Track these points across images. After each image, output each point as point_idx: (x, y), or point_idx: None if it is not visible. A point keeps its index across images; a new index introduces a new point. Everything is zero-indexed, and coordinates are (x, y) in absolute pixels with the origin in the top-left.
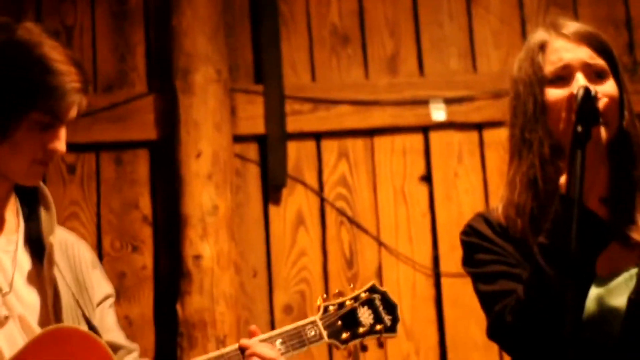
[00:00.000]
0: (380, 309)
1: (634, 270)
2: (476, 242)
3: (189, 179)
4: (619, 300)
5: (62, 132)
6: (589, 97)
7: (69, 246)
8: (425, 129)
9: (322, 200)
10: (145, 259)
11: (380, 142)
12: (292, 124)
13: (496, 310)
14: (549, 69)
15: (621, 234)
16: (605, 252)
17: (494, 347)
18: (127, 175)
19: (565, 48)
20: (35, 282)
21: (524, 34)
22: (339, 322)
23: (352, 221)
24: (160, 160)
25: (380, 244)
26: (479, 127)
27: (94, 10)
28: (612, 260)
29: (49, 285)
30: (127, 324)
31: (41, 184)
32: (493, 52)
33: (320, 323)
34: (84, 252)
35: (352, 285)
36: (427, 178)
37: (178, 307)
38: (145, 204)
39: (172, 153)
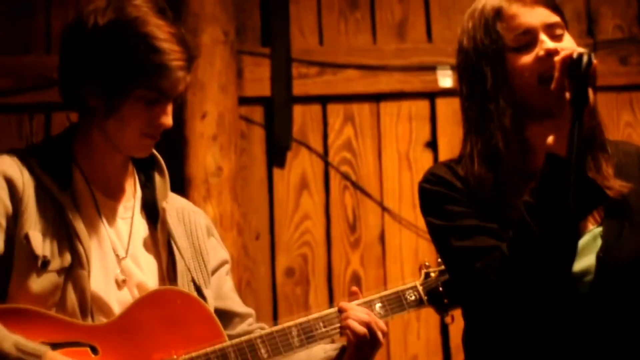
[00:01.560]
0: None
1: (597, 230)
2: (444, 191)
3: (193, 140)
4: (588, 259)
5: (169, 107)
6: (590, 63)
7: (186, 214)
8: (432, 95)
9: (327, 164)
10: None
11: (387, 107)
12: (299, 88)
13: (477, 268)
14: (509, 36)
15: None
16: None
17: None
18: None
19: (522, 13)
20: (150, 247)
21: None
22: (440, 289)
23: (356, 186)
24: None
25: (384, 209)
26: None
27: None
28: None
29: (164, 250)
30: None
31: (155, 152)
32: None
33: (420, 288)
34: (200, 220)
35: None
36: (433, 144)
37: None
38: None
39: (177, 113)
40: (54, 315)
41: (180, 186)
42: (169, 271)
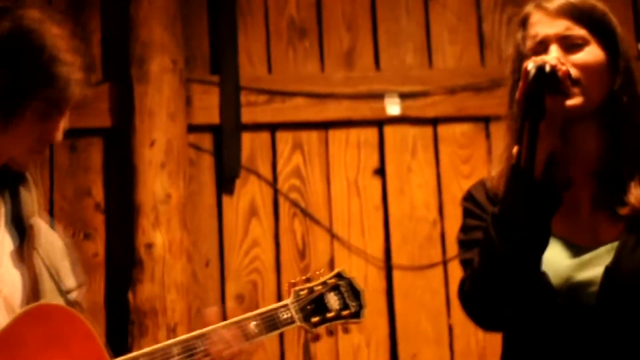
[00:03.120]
0: (347, 294)
1: (614, 244)
2: (469, 207)
3: (142, 168)
4: (597, 270)
5: (62, 122)
6: (542, 74)
7: (43, 233)
8: (380, 123)
9: (276, 191)
10: (98, 246)
11: (335, 134)
12: (247, 115)
13: (462, 278)
14: (528, 44)
15: (609, 206)
16: (590, 222)
17: (445, 340)
18: (80, 162)
19: (542, 22)
20: (17, 262)
21: (480, 31)
22: (310, 306)
23: (305, 213)
24: (114, 148)
25: (333, 235)
26: (433, 122)
27: None
28: (596, 232)
29: (30, 266)
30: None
31: None
32: (449, 48)
33: (292, 306)
34: (56, 241)
35: (320, 271)
36: (381, 171)
37: (129, 295)
38: (98, 192)
39: (126, 141)
40: None
41: (130, 213)
42: (33, 289)
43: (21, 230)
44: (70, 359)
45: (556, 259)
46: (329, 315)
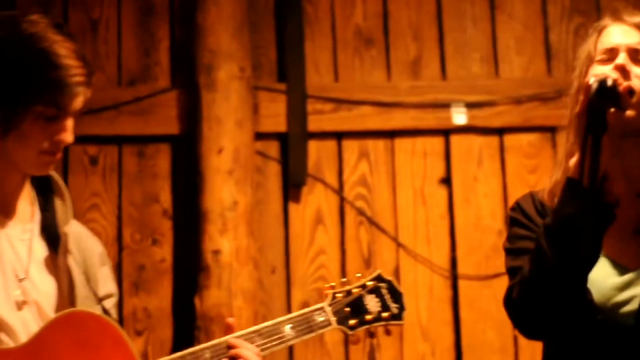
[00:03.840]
0: (387, 297)
1: None
2: (517, 217)
3: (209, 174)
4: (634, 290)
5: (69, 123)
6: (604, 89)
7: (83, 239)
8: (446, 132)
9: (342, 199)
10: (165, 252)
11: (401, 143)
12: (314, 123)
13: (509, 286)
14: (599, 49)
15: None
16: (635, 243)
17: (510, 350)
18: (148, 168)
19: (617, 32)
20: (50, 270)
21: (546, 41)
22: (347, 309)
23: (371, 221)
24: (182, 154)
25: (399, 244)
26: (499, 132)
27: (120, 4)
28: (634, 251)
29: (64, 274)
30: (145, 316)
31: (54, 174)
32: (515, 58)
33: (328, 309)
34: (96, 247)
35: (359, 274)
36: (447, 181)
37: (196, 300)
38: (166, 198)
39: (193, 148)
40: None
41: (197, 220)
42: (70, 294)
43: (55, 238)
44: None
45: (600, 278)
46: (368, 317)
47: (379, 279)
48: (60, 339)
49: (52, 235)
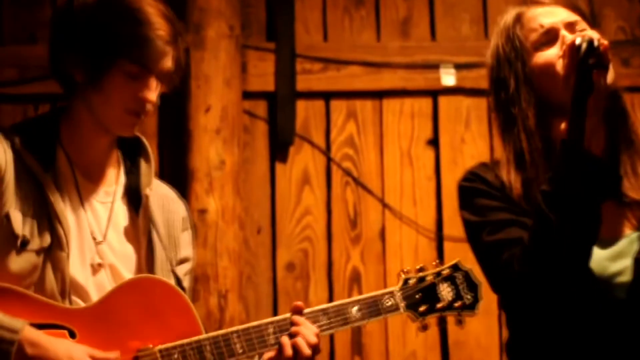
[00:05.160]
0: (462, 286)
1: (635, 235)
2: (480, 187)
3: (197, 133)
4: (624, 262)
5: (153, 82)
6: (592, 48)
7: (167, 202)
8: (435, 93)
9: (329, 159)
10: None
11: (389, 104)
12: (302, 83)
13: (503, 259)
14: (532, 37)
15: (617, 192)
16: (607, 214)
17: (494, 312)
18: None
19: (542, 13)
20: (130, 233)
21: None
22: (418, 295)
23: (357, 182)
24: (169, 113)
25: (385, 205)
26: (488, 93)
27: None
28: (610, 222)
29: (144, 237)
30: None
31: (141, 137)
32: None
33: (398, 294)
34: (180, 210)
35: (436, 262)
36: (434, 142)
37: None
38: (153, 156)
39: (181, 106)
40: (33, 295)
41: (183, 178)
42: (147, 259)
43: (138, 201)
44: (166, 330)
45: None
46: (439, 305)
47: (455, 267)
48: (127, 303)
49: (134, 197)
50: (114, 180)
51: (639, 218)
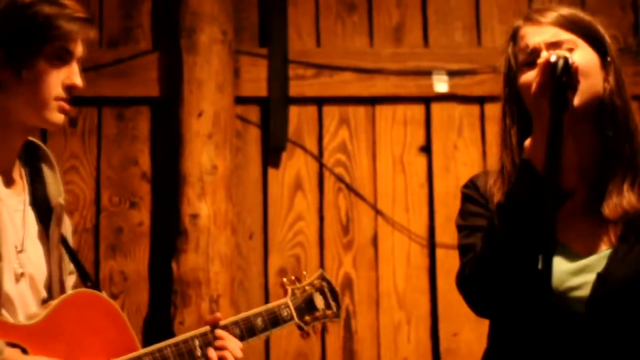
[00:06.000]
0: (329, 295)
1: (608, 252)
2: (471, 194)
3: (189, 138)
4: (587, 276)
5: (76, 67)
6: (567, 66)
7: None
8: (427, 100)
9: (321, 165)
10: (143, 215)
11: (382, 110)
12: (295, 89)
13: (462, 263)
14: (520, 57)
15: (597, 210)
16: (582, 229)
17: (485, 320)
18: (128, 131)
19: (530, 33)
20: (42, 242)
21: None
22: (303, 305)
23: (350, 188)
24: (162, 117)
25: (377, 212)
26: (480, 100)
27: None
28: (589, 237)
29: (56, 247)
30: (122, 279)
31: (41, 144)
32: (498, 27)
33: (291, 305)
34: (68, 220)
35: (305, 273)
36: (427, 149)
37: (173, 264)
38: (145, 161)
39: (173, 111)
40: None
41: (175, 183)
42: (59, 269)
43: (47, 210)
44: (109, 345)
45: (555, 262)
46: (317, 314)
47: (322, 278)
48: (72, 319)
49: (43, 207)
50: (21, 188)
51: (618, 236)
